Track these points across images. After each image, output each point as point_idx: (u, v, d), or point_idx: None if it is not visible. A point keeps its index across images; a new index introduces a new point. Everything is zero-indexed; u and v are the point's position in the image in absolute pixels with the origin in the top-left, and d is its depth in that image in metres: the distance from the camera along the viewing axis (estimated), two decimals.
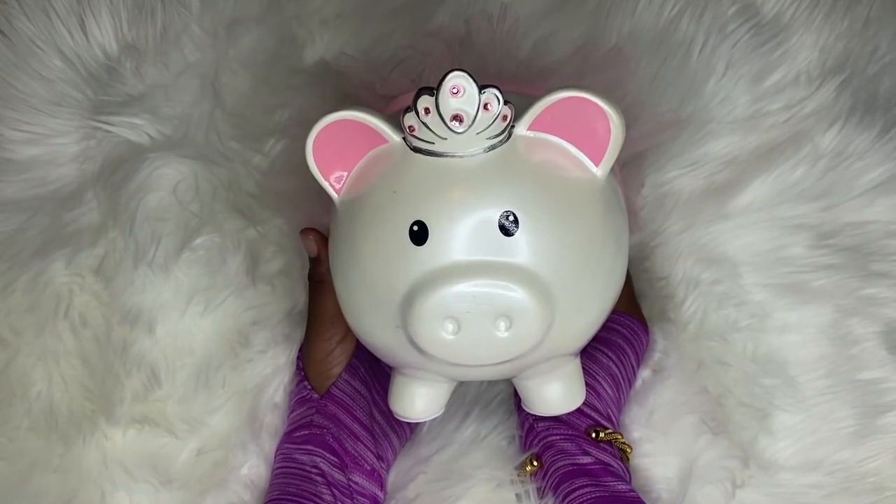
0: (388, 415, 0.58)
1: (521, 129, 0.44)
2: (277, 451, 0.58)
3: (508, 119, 0.43)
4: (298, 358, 0.59)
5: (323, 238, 0.54)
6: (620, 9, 0.66)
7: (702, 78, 0.65)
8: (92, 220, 0.63)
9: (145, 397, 0.60)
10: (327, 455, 0.55)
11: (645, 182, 0.63)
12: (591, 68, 0.58)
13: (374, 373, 0.59)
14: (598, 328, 0.49)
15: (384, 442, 0.58)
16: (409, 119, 0.43)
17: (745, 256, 0.63)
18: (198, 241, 0.62)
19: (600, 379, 0.58)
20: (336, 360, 0.57)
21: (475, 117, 0.42)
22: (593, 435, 0.55)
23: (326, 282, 0.53)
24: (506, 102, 0.42)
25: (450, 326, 0.43)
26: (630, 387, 0.60)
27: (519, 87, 0.52)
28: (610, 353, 0.58)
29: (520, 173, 0.44)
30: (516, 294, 0.43)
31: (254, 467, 0.59)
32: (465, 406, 0.62)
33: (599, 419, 0.57)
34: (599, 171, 0.45)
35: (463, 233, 0.43)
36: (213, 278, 0.61)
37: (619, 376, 0.59)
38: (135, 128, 0.64)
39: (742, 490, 0.59)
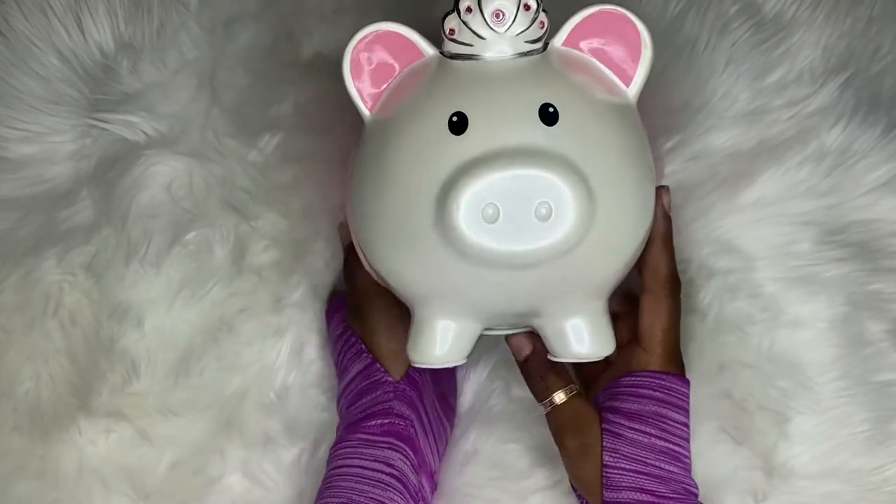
0: (443, 407, 0.56)
1: (556, 42, 0.46)
2: (341, 443, 0.54)
3: (545, 28, 0.44)
4: (353, 342, 0.56)
5: None
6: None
7: (705, 75, 0.65)
8: (86, 218, 0.63)
9: (122, 389, 0.59)
10: (408, 451, 0.52)
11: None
12: None
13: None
14: (629, 263, 0.47)
15: (443, 434, 0.56)
16: (450, 21, 0.44)
17: (758, 250, 0.62)
18: (189, 236, 0.61)
19: (655, 461, 0.51)
20: (404, 339, 0.52)
21: (515, 15, 0.43)
22: None
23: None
24: (544, 10, 0.44)
25: (490, 211, 0.41)
26: (687, 443, 0.53)
27: None
28: (649, 430, 0.51)
29: (557, 78, 0.45)
30: (559, 179, 0.41)
31: (234, 477, 0.59)
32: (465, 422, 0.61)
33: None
34: (631, 91, 0.47)
35: (504, 120, 0.43)
36: (201, 270, 0.61)
37: (672, 446, 0.52)
38: (131, 126, 0.64)
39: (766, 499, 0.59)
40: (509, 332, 0.52)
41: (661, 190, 0.52)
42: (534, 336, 0.51)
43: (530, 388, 0.53)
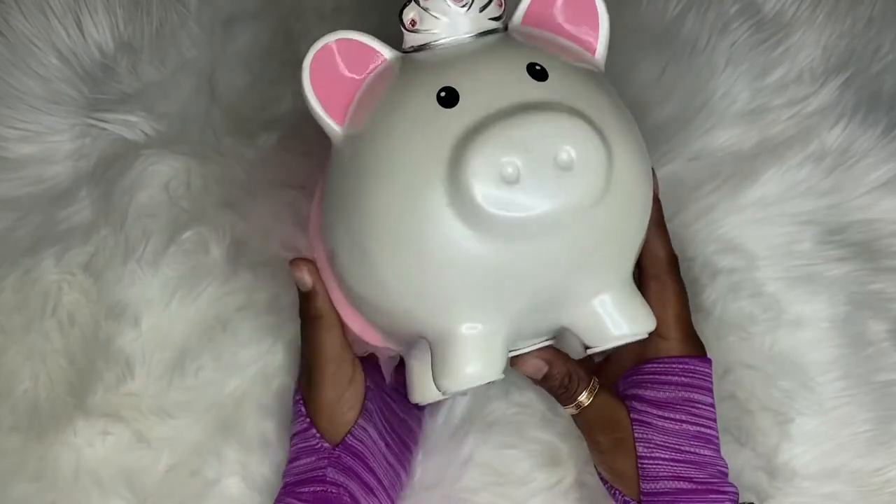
0: (399, 455, 0.55)
1: (515, 21, 0.46)
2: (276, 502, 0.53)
3: (503, 6, 0.44)
4: (298, 402, 0.54)
5: (317, 269, 0.50)
6: (624, 5, 0.66)
7: (706, 75, 0.65)
8: (84, 217, 0.63)
9: (117, 388, 0.59)
10: None
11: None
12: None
13: (384, 412, 0.54)
14: (644, 229, 0.46)
15: (397, 484, 0.55)
16: (409, 13, 0.43)
17: (759, 249, 0.62)
18: (185, 235, 0.61)
19: (689, 447, 0.50)
20: (348, 404, 0.52)
21: None
22: None
23: (324, 317, 0.50)
24: None
25: (509, 170, 0.38)
26: (715, 423, 0.52)
27: None
28: (678, 416, 0.51)
29: (529, 47, 0.44)
30: (575, 123, 0.39)
31: (232, 479, 0.58)
32: (463, 427, 0.60)
33: (727, 492, 0.50)
34: (598, 59, 0.46)
35: (495, 82, 0.41)
36: (197, 268, 0.61)
37: (702, 429, 0.51)
38: (130, 125, 0.64)
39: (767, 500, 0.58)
40: (529, 349, 0.49)
41: None
42: (547, 353, 0.49)
43: (554, 397, 0.52)
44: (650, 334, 0.48)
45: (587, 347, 0.47)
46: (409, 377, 0.53)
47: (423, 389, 0.52)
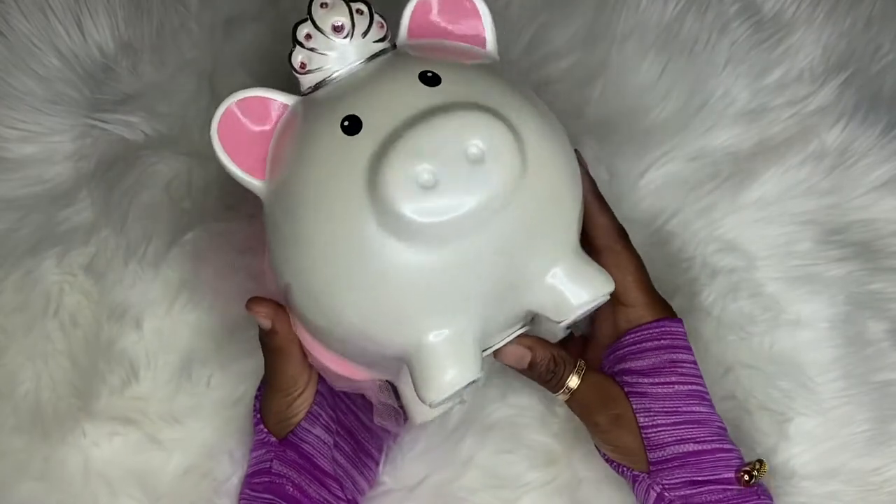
0: (354, 458, 0.56)
1: (401, 38, 0.47)
2: (241, 495, 0.55)
3: (385, 28, 0.45)
4: (256, 398, 0.56)
5: (276, 307, 0.50)
6: (623, 5, 0.66)
7: (705, 74, 0.65)
8: (85, 218, 0.63)
9: (122, 392, 0.59)
10: None
11: (650, 167, 0.63)
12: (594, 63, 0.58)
13: (342, 416, 0.55)
14: (579, 198, 0.46)
15: (349, 484, 0.55)
16: (297, 56, 0.45)
17: (759, 249, 0.62)
18: (187, 236, 0.61)
19: (686, 407, 0.51)
20: (296, 410, 0.53)
21: (352, 21, 0.44)
22: (746, 478, 0.50)
23: (282, 349, 0.51)
24: (378, 14, 0.45)
25: (425, 176, 0.39)
26: (703, 379, 0.53)
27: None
28: (669, 379, 0.51)
29: (420, 59, 0.45)
30: (475, 114, 0.40)
31: (242, 479, 0.57)
32: (460, 429, 0.60)
33: (732, 450, 0.51)
34: (490, 49, 0.47)
35: (392, 99, 0.42)
36: (200, 272, 0.61)
37: (693, 387, 0.52)
38: (130, 125, 0.64)
39: None
40: (505, 340, 0.49)
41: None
42: (527, 340, 0.50)
43: (544, 386, 0.53)
44: (617, 306, 0.50)
45: (562, 325, 0.47)
46: (405, 401, 0.53)
47: (420, 409, 0.53)
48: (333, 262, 0.42)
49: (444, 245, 0.41)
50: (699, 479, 0.50)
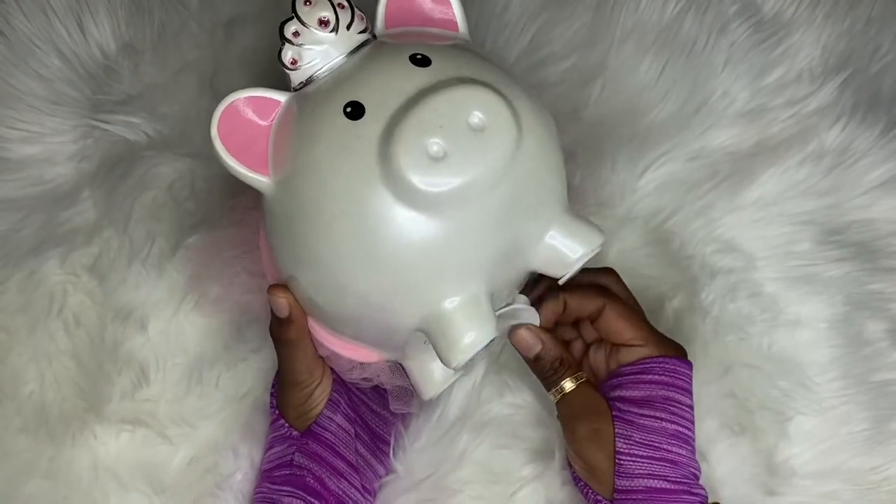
0: (372, 445, 0.56)
1: (379, 28, 0.49)
2: (256, 490, 0.56)
3: (365, 20, 0.48)
4: (272, 395, 0.57)
5: (292, 296, 0.50)
6: (623, 5, 0.67)
7: (705, 75, 0.65)
8: (87, 218, 0.63)
9: (133, 396, 0.59)
10: (309, 498, 0.53)
11: (649, 167, 0.64)
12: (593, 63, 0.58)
13: (356, 406, 0.56)
14: (562, 156, 0.49)
15: (369, 473, 0.56)
16: (287, 53, 0.46)
17: (758, 249, 0.63)
18: (192, 238, 0.61)
19: (667, 446, 0.51)
20: (315, 402, 0.54)
21: (336, 15, 0.46)
22: None
23: (295, 341, 0.51)
24: (357, 8, 0.47)
25: (434, 149, 0.42)
26: (693, 425, 0.53)
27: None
28: (659, 414, 0.51)
29: (403, 44, 0.46)
30: (471, 87, 0.43)
31: (246, 475, 0.59)
32: (456, 424, 0.61)
33: (699, 494, 0.51)
34: (462, 32, 0.50)
35: (389, 82, 0.44)
36: (206, 274, 0.61)
37: (681, 429, 0.52)
38: (132, 126, 0.64)
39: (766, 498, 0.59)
40: (514, 306, 0.52)
41: None
42: (544, 333, 0.52)
43: (541, 381, 0.54)
44: (619, 349, 0.53)
45: (562, 280, 0.50)
46: (413, 378, 0.54)
47: (428, 384, 0.54)
48: (350, 240, 0.44)
49: (455, 213, 0.44)
50: None
